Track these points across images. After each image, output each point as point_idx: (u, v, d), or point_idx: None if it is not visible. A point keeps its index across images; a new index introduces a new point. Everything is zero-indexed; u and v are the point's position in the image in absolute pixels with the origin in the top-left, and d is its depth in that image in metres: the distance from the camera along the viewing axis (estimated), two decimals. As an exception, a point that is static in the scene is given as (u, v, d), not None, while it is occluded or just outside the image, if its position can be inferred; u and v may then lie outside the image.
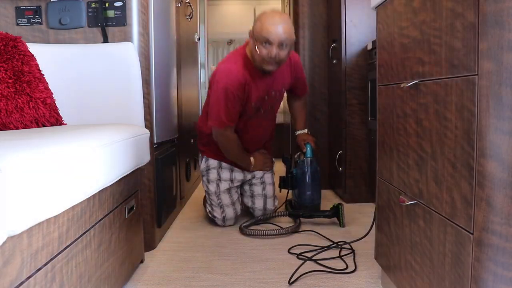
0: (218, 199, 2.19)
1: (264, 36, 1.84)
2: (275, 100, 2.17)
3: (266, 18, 1.86)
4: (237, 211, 2.23)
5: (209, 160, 2.21)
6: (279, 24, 1.83)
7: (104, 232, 1.17)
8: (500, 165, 0.75)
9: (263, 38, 1.85)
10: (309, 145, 2.35)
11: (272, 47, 1.85)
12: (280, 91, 2.16)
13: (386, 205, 1.30)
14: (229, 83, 1.90)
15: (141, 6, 1.74)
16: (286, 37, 1.85)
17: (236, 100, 1.93)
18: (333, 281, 1.50)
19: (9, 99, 1.34)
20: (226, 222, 2.21)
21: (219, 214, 2.19)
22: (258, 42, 1.87)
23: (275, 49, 1.85)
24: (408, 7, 1.08)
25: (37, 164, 0.75)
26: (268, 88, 2.05)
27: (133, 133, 1.41)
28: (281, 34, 1.83)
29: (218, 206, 2.20)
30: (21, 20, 1.73)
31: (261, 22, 1.86)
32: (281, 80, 2.11)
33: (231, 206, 2.21)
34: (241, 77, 1.92)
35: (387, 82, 1.27)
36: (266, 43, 1.85)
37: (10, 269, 0.70)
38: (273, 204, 2.33)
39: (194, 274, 1.58)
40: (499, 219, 0.76)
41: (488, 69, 0.74)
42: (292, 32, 1.89)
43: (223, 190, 2.20)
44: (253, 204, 2.30)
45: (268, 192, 2.31)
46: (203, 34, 3.86)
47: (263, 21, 1.86)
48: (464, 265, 0.83)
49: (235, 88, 1.91)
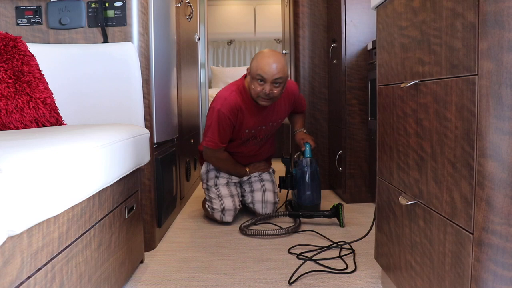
0: (217, 190, 2.25)
1: (259, 74, 2.01)
2: (273, 128, 2.33)
3: (261, 58, 2.03)
4: (236, 204, 2.23)
5: (209, 165, 2.34)
6: (273, 64, 1.99)
7: (104, 232, 1.17)
8: (500, 165, 0.75)
9: (258, 76, 2.01)
10: (308, 145, 2.36)
11: (266, 84, 2.01)
12: (277, 122, 2.31)
13: (386, 205, 1.30)
14: (223, 107, 2.08)
15: (141, 6, 1.74)
16: (279, 76, 2.01)
17: (227, 123, 2.10)
18: (333, 281, 1.50)
19: (9, 99, 1.34)
20: (225, 214, 2.20)
21: (217, 205, 2.20)
22: (254, 79, 2.04)
23: (269, 86, 2.01)
24: (408, 7, 1.08)
25: (37, 164, 0.75)
26: (264, 119, 2.21)
27: (133, 133, 1.41)
28: (274, 73, 2.00)
29: (217, 197, 2.22)
30: (21, 20, 1.73)
31: (257, 61, 2.03)
32: (279, 112, 2.27)
33: (229, 197, 2.23)
34: (233, 103, 2.08)
35: (387, 82, 1.27)
36: (261, 80, 2.02)
37: (10, 269, 0.70)
38: (273, 198, 2.33)
39: (194, 274, 1.58)
40: (499, 219, 0.76)
41: (488, 69, 0.74)
42: (285, 70, 2.05)
43: (221, 183, 2.28)
44: (253, 198, 2.32)
45: (267, 186, 2.35)
46: (203, 34, 3.86)
47: (258, 61, 2.03)
48: (464, 265, 0.83)
49: (227, 111, 2.07)
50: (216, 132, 2.10)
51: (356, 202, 2.61)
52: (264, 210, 2.31)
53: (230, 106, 2.08)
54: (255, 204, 2.31)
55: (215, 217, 2.22)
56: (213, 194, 2.25)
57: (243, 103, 2.11)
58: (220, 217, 2.21)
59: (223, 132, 2.11)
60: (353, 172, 2.60)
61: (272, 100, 2.08)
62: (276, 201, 2.35)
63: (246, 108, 2.12)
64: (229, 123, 2.10)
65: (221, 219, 2.21)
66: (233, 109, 2.08)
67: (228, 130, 2.12)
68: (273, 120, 2.27)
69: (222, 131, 2.10)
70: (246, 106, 2.12)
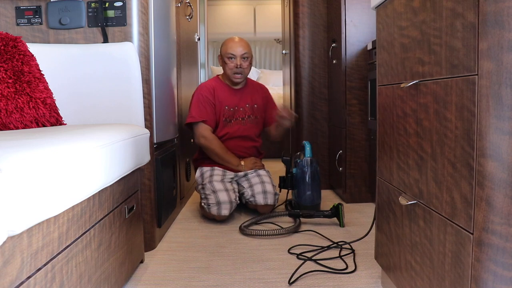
0: (211, 186, 2.27)
1: (229, 52, 2.42)
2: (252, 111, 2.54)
3: (228, 41, 2.47)
4: (231, 197, 2.23)
5: (203, 168, 2.45)
6: (239, 42, 2.45)
7: (104, 232, 1.17)
8: (500, 165, 0.75)
9: (229, 55, 2.42)
10: (308, 145, 2.37)
11: (237, 59, 2.41)
12: (251, 106, 2.53)
13: (386, 205, 1.30)
14: (200, 89, 2.46)
15: (141, 6, 1.74)
16: (245, 51, 2.43)
17: (205, 101, 2.42)
18: (333, 281, 1.50)
19: (9, 99, 1.34)
20: (221, 207, 2.20)
21: (213, 200, 2.21)
22: (226, 59, 2.43)
23: (239, 60, 2.41)
24: (408, 7, 1.08)
25: (37, 164, 0.75)
26: (240, 100, 2.51)
27: (133, 133, 1.41)
28: (241, 49, 2.42)
29: (212, 192, 2.24)
30: (21, 20, 1.73)
31: (226, 45, 2.46)
32: (253, 98, 2.54)
33: (224, 191, 2.24)
34: (208, 85, 2.48)
35: (387, 82, 1.27)
36: (231, 58, 2.42)
37: (10, 269, 0.70)
38: (273, 189, 2.36)
39: (194, 274, 1.58)
40: (499, 219, 0.76)
41: (488, 69, 0.74)
42: (249, 47, 2.49)
43: (216, 180, 2.32)
44: (253, 191, 2.34)
45: (265, 179, 2.39)
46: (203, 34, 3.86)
47: (227, 44, 2.46)
48: (464, 265, 0.83)
49: (204, 91, 2.44)
50: (193, 108, 2.41)
51: (356, 202, 2.61)
52: (266, 201, 2.31)
53: (206, 87, 2.46)
54: (256, 196, 2.32)
55: (212, 212, 2.22)
56: (208, 190, 2.27)
57: (217, 85, 2.48)
58: (217, 212, 2.20)
59: (201, 107, 2.40)
60: (353, 172, 2.60)
61: (243, 74, 2.44)
62: (276, 192, 2.37)
63: (220, 89, 2.47)
64: (206, 100, 2.41)
65: (217, 213, 2.20)
66: (208, 89, 2.44)
67: (206, 106, 2.41)
68: (249, 102, 2.52)
69: (200, 106, 2.41)
70: (220, 88, 2.48)
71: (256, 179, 2.40)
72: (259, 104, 2.55)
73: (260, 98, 2.57)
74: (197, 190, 2.45)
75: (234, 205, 2.25)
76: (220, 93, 2.45)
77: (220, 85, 2.48)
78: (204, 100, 2.41)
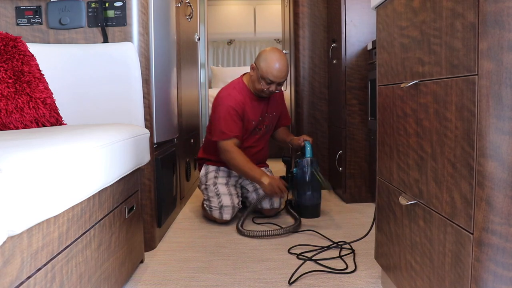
0: (215, 189, 2.26)
1: (269, 78, 2.18)
2: (270, 121, 2.43)
3: (271, 62, 2.18)
4: (234, 202, 2.23)
5: (208, 167, 2.40)
6: (282, 69, 2.19)
7: (104, 232, 1.17)
8: (500, 165, 0.75)
9: (267, 79, 2.19)
10: (309, 145, 2.36)
11: (273, 85, 2.21)
12: (273, 114, 2.44)
13: (386, 205, 1.30)
14: (229, 102, 2.23)
15: (141, 6, 1.74)
16: (285, 79, 2.24)
17: (236, 115, 2.22)
18: (333, 281, 1.50)
19: (9, 99, 1.34)
20: (223, 212, 2.20)
21: (215, 203, 2.21)
22: (262, 79, 2.20)
23: (275, 86, 2.22)
24: (408, 7, 1.08)
25: (37, 164, 0.75)
26: (263, 109, 2.37)
27: (133, 133, 1.41)
28: (282, 77, 2.20)
29: (215, 195, 2.24)
30: (21, 20, 1.73)
31: (267, 65, 2.18)
32: (273, 106, 2.43)
33: (227, 195, 2.23)
34: (239, 100, 2.25)
35: (387, 82, 1.27)
36: (269, 82, 2.20)
37: (10, 269, 0.70)
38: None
39: (194, 274, 1.58)
40: (499, 219, 0.76)
41: (488, 69, 0.74)
42: (288, 71, 2.28)
43: (220, 183, 2.29)
44: (258, 195, 2.34)
45: None
46: (203, 34, 3.86)
47: (269, 64, 2.17)
48: (464, 265, 0.83)
49: (235, 105, 2.22)
50: (223, 124, 2.20)
51: (356, 202, 2.61)
52: (272, 205, 2.32)
53: (236, 100, 2.23)
54: (261, 201, 2.32)
55: (214, 215, 2.22)
56: (211, 192, 2.26)
57: (244, 98, 2.28)
58: (219, 215, 2.20)
59: (232, 123, 2.21)
60: (353, 172, 2.60)
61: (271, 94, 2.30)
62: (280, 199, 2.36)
63: (247, 103, 2.29)
64: (236, 114, 2.22)
65: (219, 217, 2.21)
66: (239, 103, 2.24)
67: (237, 121, 2.22)
68: (270, 112, 2.41)
69: (230, 122, 2.20)
70: (247, 101, 2.29)
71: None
72: (277, 112, 2.48)
73: (277, 104, 2.48)
74: (200, 189, 2.43)
75: (236, 210, 2.26)
76: (249, 108, 2.29)
77: (248, 98, 2.29)
78: (235, 115, 2.22)
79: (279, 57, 2.20)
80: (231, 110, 2.20)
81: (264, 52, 2.24)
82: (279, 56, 2.21)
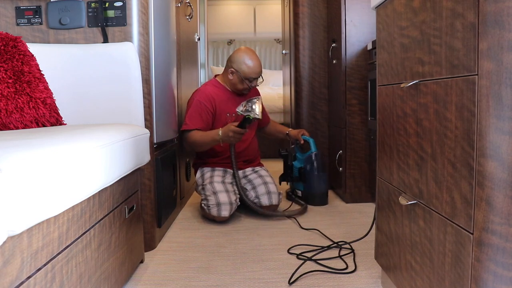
0: (212, 187, 2.28)
1: (252, 76, 2.42)
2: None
3: (250, 61, 2.41)
4: (231, 198, 2.23)
5: (203, 169, 2.48)
6: (259, 63, 2.45)
7: (104, 232, 1.17)
8: (500, 165, 0.75)
9: (251, 78, 2.42)
10: (312, 141, 2.57)
11: (254, 81, 2.46)
12: None
13: (386, 205, 1.30)
14: (199, 96, 2.43)
15: (141, 6, 1.74)
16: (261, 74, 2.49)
17: (203, 109, 2.40)
18: (333, 281, 1.50)
19: (9, 99, 1.34)
20: (221, 208, 2.20)
21: (213, 201, 2.22)
22: (245, 79, 2.42)
23: (255, 82, 2.47)
24: (408, 7, 1.08)
25: (37, 164, 0.75)
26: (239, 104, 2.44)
27: (133, 133, 1.41)
28: (261, 71, 2.46)
29: (212, 193, 2.25)
30: (21, 20, 1.73)
31: (248, 67, 2.41)
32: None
33: (224, 192, 2.25)
34: (209, 94, 2.44)
35: (387, 82, 1.27)
36: (252, 80, 2.43)
37: (10, 269, 0.70)
38: (276, 189, 2.41)
39: (194, 274, 1.58)
40: (499, 219, 0.76)
41: (488, 69, 0.74)
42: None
43: (216, 181, 2.33)
44: (257, 193, 2.38)
45: (267, 180, 2.44)
46: (203, 34, 3.86)
47: (248, 64, 2.41)
48: (464, 265, 0.83)
49: (203, 99, 2.41)
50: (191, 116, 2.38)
51: (356, 202, 2.61)
52: (270, 201, 2.36)
53: (205, 95, 2.42)
54: (260, 198, 2.35)
55: (212, 213, 2.22)
56: (208, 191, 2.28)
57: (217, 93, 2.47)
58: (217, 213, 2.20)
59: (197, 116, 2.38)
60: (353, 172, 2.60)
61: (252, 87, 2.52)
62: (279, 192, 2.42)
63: (220, 97, 2.46)
64: (204, 108, 2.39)
65: (218, 214, 2.21)
66: (207, 98, 2.41)
67: (202, 114, 2.39)
68: None
69: (196, 115, 2.38)
70: (220, 95, 2.47)
71: (259, 180, 2.42)
72: None
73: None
74: (197, 191, 2.46)
75: (234, 207, 2.25)
76: (220, 101, 2.44)
77: (220, 93, 2.47)
78: (202, 109, 2.39)
79: (252, 54, 2.44)
80: (198, 104, 2.39)
81: (238, 55, 2.43)
82: (252, 53, 2.45)
